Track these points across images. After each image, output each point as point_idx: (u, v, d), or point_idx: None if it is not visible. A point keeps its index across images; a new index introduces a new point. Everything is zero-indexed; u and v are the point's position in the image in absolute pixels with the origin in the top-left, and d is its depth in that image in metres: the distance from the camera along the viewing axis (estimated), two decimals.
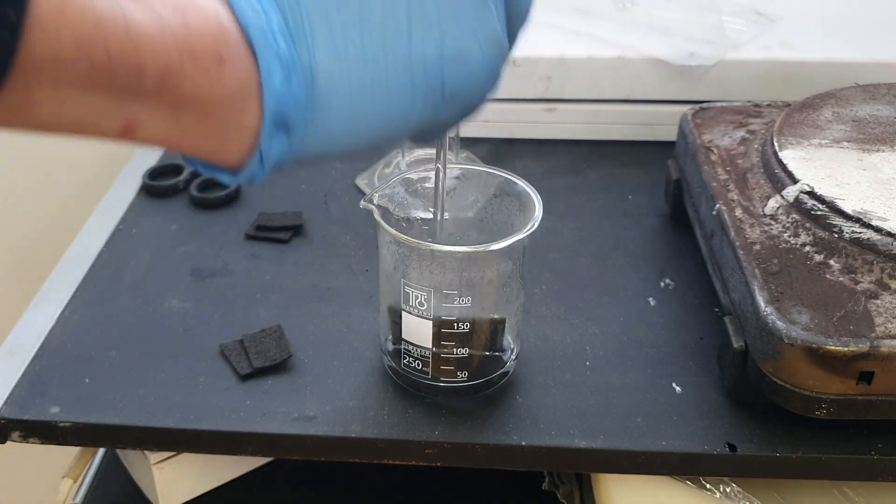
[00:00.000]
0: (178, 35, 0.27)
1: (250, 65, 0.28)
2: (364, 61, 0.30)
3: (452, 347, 0.48)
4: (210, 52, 0.27)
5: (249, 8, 0.28)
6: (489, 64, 0.34)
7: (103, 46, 0.25)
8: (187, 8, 0.27)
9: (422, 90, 0.32)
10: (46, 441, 0.50)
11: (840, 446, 0.47)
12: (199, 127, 0.29)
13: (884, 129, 0.57)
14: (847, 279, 0.48)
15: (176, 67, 0.27)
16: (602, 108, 0.74)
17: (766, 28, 0.75)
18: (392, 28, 0.31)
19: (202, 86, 0.28)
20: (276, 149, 0.30)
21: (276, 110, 0.29)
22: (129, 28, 0.26)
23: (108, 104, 0.27)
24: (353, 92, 0.31)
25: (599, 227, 0.65)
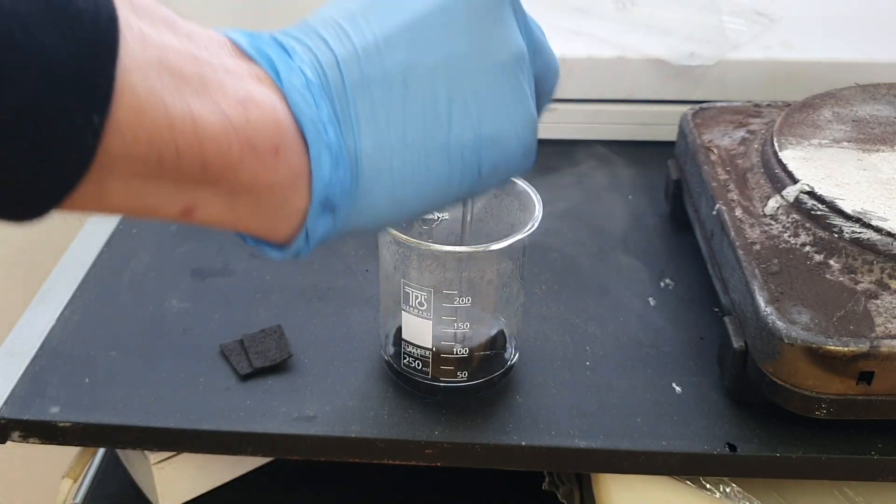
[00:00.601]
0: (240, 130, 0.28)
1: (302, 153, 0.30)
2: (405, 147, 0.32)
3: (452, 347, 0.48)
4: (268, 144, 0.29)
5: (302, 99, 0.30)
6: (524, 143, 0.35)
7: (173, 145, 0.27)
8: (248, 102, 0.29)
9: (459, 171, 0.34)
10: (46, 441, 0.50)
11: (840, 446, 0.47)
12: (252, 210, 0.31)
13: (884, 129, 0.57)
14: (847, 279, 0.48)
15: (236, 160, 0.29)
16: (602, 108, 0.74)
17: (766, 28, 0.76)
18: (432, 115, 0.32)
19: (259, 175, 0.29)
20: (321, 228, 0.32)
21: (323, 195, 0.31)
22: (196, 126, 0.27)
23: (170, 192, 0.28)
24: (394, 175, 0.32)
25: (599, 227, 0.65)
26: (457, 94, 0.33)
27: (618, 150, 0.74)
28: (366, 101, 0.31)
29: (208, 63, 0.28)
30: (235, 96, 0.28)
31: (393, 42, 0.32)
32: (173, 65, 0.27)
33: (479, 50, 0.33)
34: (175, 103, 0.27)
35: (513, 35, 0.35)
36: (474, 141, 0.33)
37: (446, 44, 0.33)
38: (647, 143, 0.74)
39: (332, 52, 0.31)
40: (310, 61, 0.31)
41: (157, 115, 0.26)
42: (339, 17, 0.32)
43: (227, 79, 0.29)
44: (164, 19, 0.28)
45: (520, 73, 0.35)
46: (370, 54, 0.31)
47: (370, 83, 0.31)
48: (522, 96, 0.35)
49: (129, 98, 0.25)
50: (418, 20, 0.32)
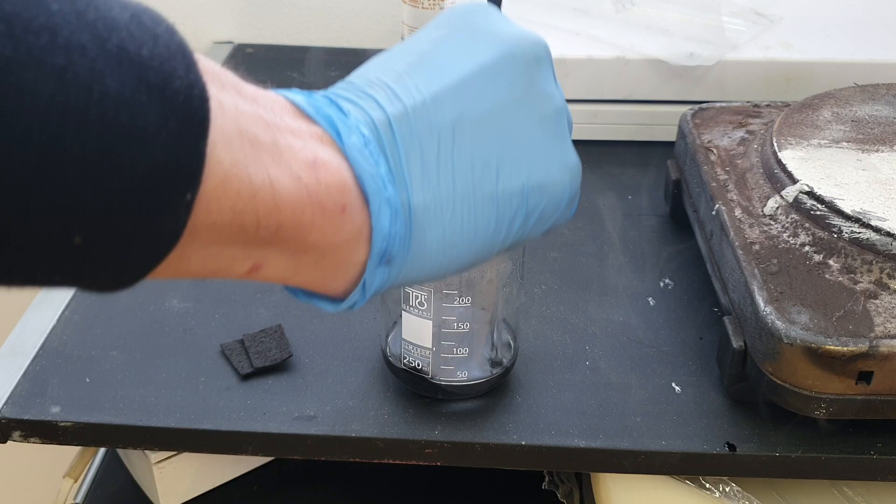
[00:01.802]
0: (313, 193, 0.29)
1: (363, 210, 0.31)
2: (454, 198, 0.33)
3: (452, 347, 0.48)
4: (336, 203, 0.30)
5: (362, 158, 0.31)
6: (570, 190, 0.37)
7: (254, 212, 0.28)
8: (317, 164, 0.30)
9: (507, 220, 0.35)
10: (47, 441, 0.50)
11: (839, 446, 0.47)
12: (315, 266, 0.31)
13: (883, 130, 0.57)
14: (846, 279, 0.48)
15: (308, 221, 0.29)
16: (602, 109, 0.74)
17: (766, 28, 0.76)
18: (481, 166, 0.33)
19: (326, 234, 0.30)
20: (378, 280, 0.33)
21: (382, 248, 0.32)
22: (274, 192, 0.28)
23: (243, 254, 0.29)
24: (445, 225, 0.33)
25: (599, 227, 0.65)
26: (504, 145, 0.34)
27: (618, 150, 0.74)
28: (417, 155, 0.32)
29: (277, 127, 0.29)
30: (305, 159, 0.29)
31: (440, 100, 0.33)
32: (250, 132, 0.28)
33: (523, 103, 0.35)
34: (256, 172, 0.27)
35: (553, 91, 0.36)
36: (522, 189, 0.34)
37: (491, 99, 0.34)
38: (646, 143, 0.74)
39: (383, 110, 0.32)
40: (364, 120, 0.32)
41: (242, 185, 0.27)
42: (387, 79, 0.33)
43: (295, 142, 0.29)
44: (232, 83, 0.29)
45: (562, 125, 0.36)
46: (419, 111, 0.32)
47: (420, 138, 0.32)
48: (566, 146, 0.37)
49: (216, 171, 0.26)
50: (463, 79, 0.34)
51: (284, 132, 0.29)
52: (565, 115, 0.37)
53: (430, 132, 0.33)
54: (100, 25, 0.23)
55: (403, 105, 0.32)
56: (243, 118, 0.28)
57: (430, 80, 0.33)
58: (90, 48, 0.23)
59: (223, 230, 0.27)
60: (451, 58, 0.34)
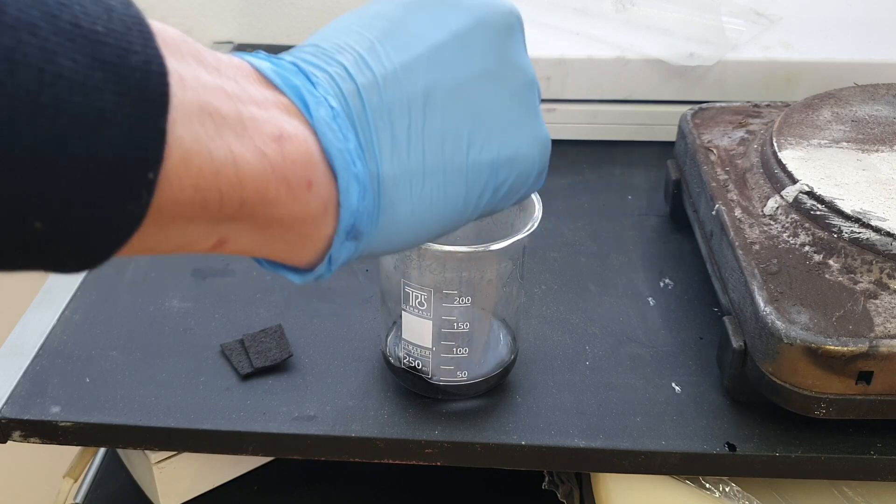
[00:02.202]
0: (277, 167, 0.29)
1: (331, 184, 0.31)
2: (425, 170, 0.33)
3: (452, 347, 0.48)
4: (302, 178, 0.29)
5: (330, 131, 0.30)
6: (539, 163, 0.37)
7: (217, 189, 0.27)
8: (282, 138, 0.29)
9: (477, 192, 0.34)
10: (47, 441, 0.50)
11: (839, 446, 0.47)
12: (281, 239, 0.31)
13: (883, 130, 0.57)
14: (846, 279, 0.48)
15: (272, 196, 0.29)
16: (601, 109, 0.74)
17: (766, 28, 0.76)
18: (451, 138, 0.33)
19: (291, 209, 0.30)
20: (344, 253, 0.33)
21: (349, 223, 0.31)
22: (238, 168, 0.27)
23: (206, 230, 0.29)
24: (415, 198, 0.33)
25: (599, 227, 0.65)
26: (475, 118, 0.34)
27: (618, 150, 0.74)
28: (387, 127, 0.32)
29: (240, 98, 0.28)
30: (270, 133, 0.28)
31: (411, 70, 0.32)
32: (212, 107, 0.27)
33: (495, 75, 0.34)
34: (218, 148, 0.27)
35: (525, 62, 0.36)
36: (492, 162, 0.34)
37: (463, 70, 0.33)
38: (646, 143, 0.74)
39: (353, 80, 0.31)
40: (333, 91, 0.31)
41: (203, 162, 0.26)
42: (357, 46, 0.32)
43: (260, 114, 0.29)
44: (193, 52, 0.28)
45: (533, 97, 0.36)
46: (389, 82, 0.32)
47: (391, 110, 0.32)
48: (537, 119, 0.36)
49: (177, 150, 0.25)
50: (435, 48, 0.33)
51: (248, 104, 0.28)
52: (536, 87, 0.37)
53: (401, 104, 0.32)
54: (51, 1, 0.22)
55: (374, 75, 0.32)
56: (204, 91, 0.27)
57: (401, 49, 0.33)
58: (41, 26, 0.22)
59: (185, 207, 0.27)
60: (423, 25, 0.33)
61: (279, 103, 0.30)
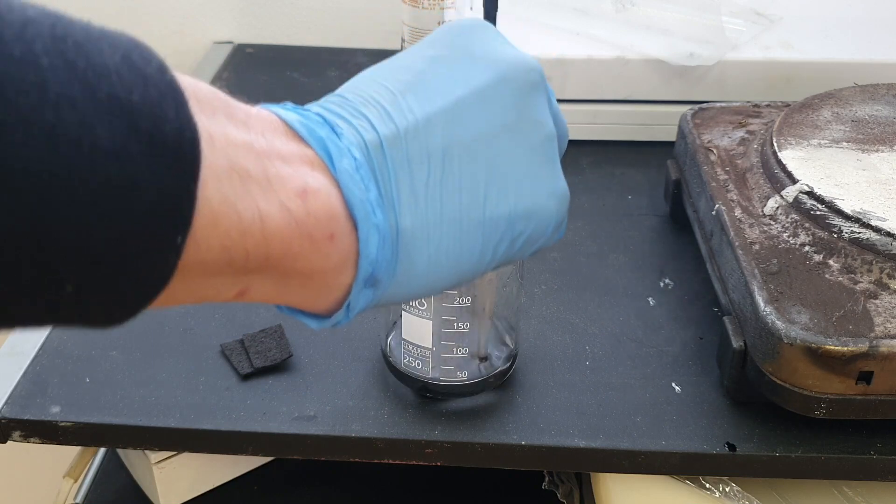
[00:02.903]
0: (301, 222, 0.29)
1: (351, 235, 0.31)
2: (442, 223, 0.33)
3: (452, 347, 0.48)
4: (324, 231, 0.30)
5: (353, 182, 0.30)
6: (557, 217, 0.36)
7: (243, 248, 0.28)
8: (307, 193, 0.29)
9: (493, 245, 0.35)
10: (47, 441, 0.50)
11: (839, 446, 0.47)
12: (301, 288, 0.31)
13: (883, 130, 0.57)
14: (846, 279, 0.48)
15: (296, 250, 0.29)
16: (602, 109, 0.74)
17: (766, 28, 0.76)
18: (469, 192, 0.33)
19: (313, 261, 0.30)
20: (362, 301, 0.33)
21: (368, 272, 0.32)
22: (264, 226, 0.28)
23: (230, 281, 0.29)
24: (431, 249, 0.33)
25: (599, 227, 0.65)
26: (492, 172, 0.34)
27: (618, 151, 0.74)
28: (407, 179, 0.32)
29: (267, 154, 0.29)
30: (295, 188, 0.29)
31: (432, 123, 0.33)
32: (240, 165, 0.27)
33: (514, 130, 0.35)
34: (245, 207, 0.27)
35: (545, 117, 0.36)
36: (509, 215, 0.34)
37: (482, 125, 0.34)
38: (646, 143, 0.74)
39: (376, 132, 0.32)
40: (357, 142, 0.31)
41: (231, 222, 0.27)
42: (380, 98, 0.33)
43: (285, 169, 0.29)
44: (223, 107, 0.28)
45: (552, 151, 0.36)
46: (410, 134, 0.32)
47: (411, 162, 0.32)
48: (555, 172, 0.36)
49: (206, 211, 0.26)
50: (456, 103, 0.33)
51: (274, 159, 0.29)
52: (555, 142, 0.37)
53: (421, 156, 0.32)
54: (90, 74, 0.23)
55: (396, 127, 0.32)
56: (233, 149, 0.27)
57: (424, 102, 0.33)
58: (80, 99, 0.22)
59: (212, 265, 0.27)
60: (446, 79, 0.34)
61: (304, 156, 0.30)
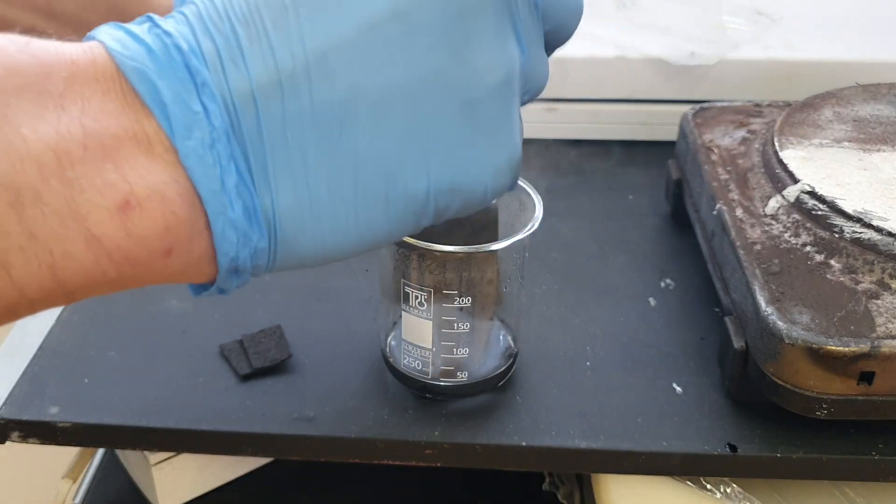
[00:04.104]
0: (115, 252, 0.24)
1: (202, 234, 0.26)
2: (334, 202, 0.26)
3: (452, 348, 0.48)
4: (155, 252, 0.25)
5: (202, 166, 0.24)
6: (494, 189, 0.29)
7: (27, 303, 0.24)
8: (129, 208, 0.23)
9: (408, 222, 0.28)
10: (45, 441, 0.50)
11: (841, 447, 0.47)
12: (148, 282, 0.27)
13: (885, 129, 0.57)
14: (848, 279, 0.47)
15: (112, 278, 0.25)
16: (602, 108, 0.73)
17: (767, 28, 0.75)
18: (375, 162, 0.26)
19: (144, 277, 0.26)
20: (234, 283, 0.28)
21: (231, 266, 0.27)
22: (55, 275, 0.23)
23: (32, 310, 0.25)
24: (323, 231, 0.27)
25: (600, 227, 0.65)
26: (410, 139, 0.26)
27: (618, 150, 0.74)
28: (286, 148, 0.25)
29: (77, 156, 0.23)
30: (112, 204, 0.23)
31: (330, 63, 0.25)
32: (25, 195, 0.22)
33: (444, 78, 0.26)
34: (26, 260, 0.23)
35: (503, 50, 0.27)
36: (426, 193, 0.27)
37: (404, 69, 0.25)
38: (647, 142, 0.74)
39: (248, 76, 0.25)
40: (220, 94, 0.25)
41: (2, 286, 0.23)
42: (266, 12, 0.25)
43: (103, 175, 0.23)
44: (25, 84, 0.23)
45: (504, 100, 0.27)
46: (297, 82, 0.25)
47: (293, 124, 0.25)
48: (503, 131, 0.28)
49: None
50: (367, 30, 0.25)
51: (90, 163, 0.23)
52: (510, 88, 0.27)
53: (310, 114, 0.25)
54: None
55: (276, 69, 0.25)
56: (19, 173, 0.22)
57: (322, 26, 0.25)
58: None
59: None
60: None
61: (139, 135, 0.24)
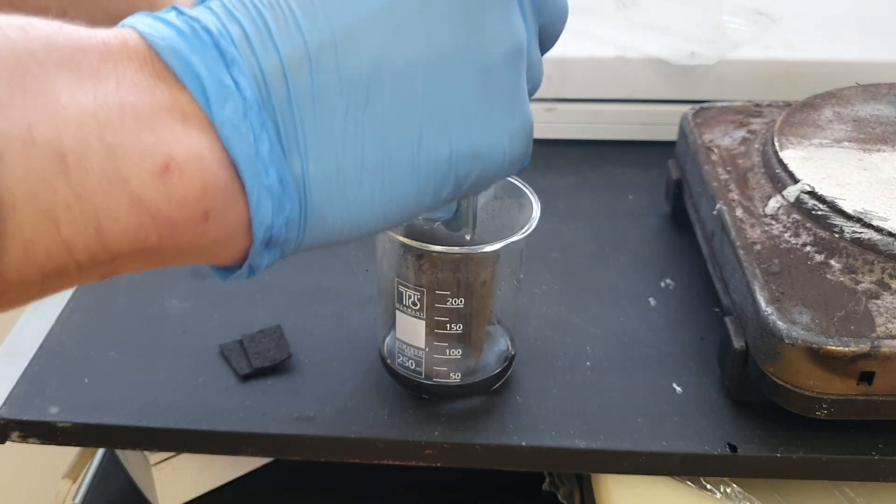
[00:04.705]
0: (157, 214, 0.24)
1: (239, 198, 0.26)
2: (362, 171, 0.28)
3: (445, 348, 0.48)
4: (194, 214, 0.25)
5: (237, 134, 0.25)
6: (514, 155, 0.31)
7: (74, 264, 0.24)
8: (169, 171, 0.24)
9: (430, 190, 0.29)
10: (45, 441, 0.50)
11: (841, 447, 0.47)
12: (182, 259, 0.27)
13: (884, 129, 0.57)
14: (848, 279, 0.47)
15: (154, 244, 0.25)
16: (602, 108, 0.73)
17: (767, 28, 0.75)
18: (399, 133, 0.28)
19: (183, 243, 0.26)
20: (266, 259, 0.29)
21: (265, 236, 0.27)
22: (101, 236, 0.24)
23: (74, 282, 0.25)
24: (350, 200, 0.28)
25: (599, 227, 0.65)
26: (432, 106, 0.28)
27: (618, 150, 0.74)
28: (315, 118, 0.26)
29: (118, 123, 0.24)
30: (152, 167, 0.24)
31: (355, 38, 0.26)
32: (73, 157, 0.23)
33: (462, 50, 0.28)
34: (74, 219, 0.23)
35: (513, 23, 0.29)
36: (448, 158, 0.29)
37: (424, 43, 0.27)
38: (647, 142, 0.74)
39: (277, 53, 0.26)
40: (250, 70, 0.26)
41: (51, 244, 0.23)
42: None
43: (143, 140, 0.24)
44: (62, 60, 0.23)
45: (516, 71, 0.29)
46: (324, 56, 0.26)
47: (323, 95, 0.26)
48: (515, 101, 0.30)
49: (14, 244, 0.22)
50: (389, 7, 0.27)
51: (129, 130, 0.24)
52: (522, 55, 0.29)
53: (337, 86, 0.26)
54: None
55: (305, 45, 0.26)
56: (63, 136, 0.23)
57: (346, 4, 0.26)
58: None
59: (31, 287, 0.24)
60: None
61: (175, 106, 0.25)
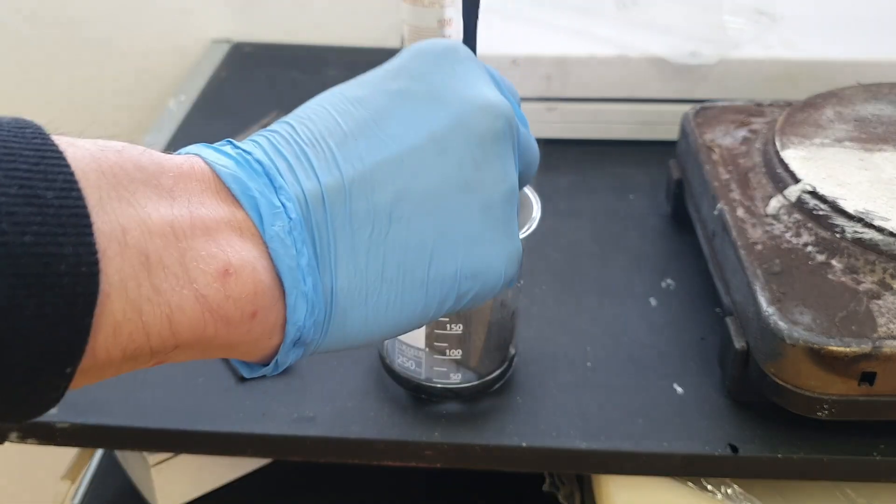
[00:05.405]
0: (217, 309, 0.28)
1: (278, 301, 0.29)
2: (382, 282, 0.32)
3: (445, 349, 0.48)
4: (245, 312, 0.28)
5: (283, 248, 0.29)
6: (506, 276, 0.35)
7: (147, 346, 0.26)
8: (228, 275, 0.28)
9: (436, 302, 0.33)
10: (44, 442, 0.49)
11: (842, 447, 0.47)
12: (223, 353, 0.30)
13: (886, 129, 0.57)
14: (849, 279, 0.47)
15: (210, 335, 0.28)
16: (603, 108, 0.73)
17: (768, 27, 0.75)
18: (415, 252, 0.32)
19: (232, 338, 0.29)
20: (291, 357, 0.32)
21: (296, 336, 0.31)
22: (172, 324, 0.26)
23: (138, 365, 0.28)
24: (368, 308, 0.32)
25: (600, 227, 0.65)
26: (441, 230, 0.32)
27: (619, 150, 0.74)
28: (347, 236, 0.31)
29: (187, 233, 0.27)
30: (215, 271, 0.27)
31: (382, 174, 0.31)
32: (154, 258, 0.26)
33: (469, 186, 0.33)
34: (152, 309, 0.26)
35: (507, 172, 0.34)
36: (455, 276, 0.33)
37: (436, 178, 0.32)
38: (648, 142, 0.74)
39: (318, 181, 0.30)
40: (295, 195, 0.30)
41: (134, 329, 0.26)
42: (330, 137, 0.32)
43: (207, 249, 0.27)
44: (144, 178, 0.27)
45: (508, 209, 0.34)
46: (357, 188, 0.31)
47: (354, 218, 0.31)
48: (509, 232, 0.35)
49: (107, 324, 0.25)
50: (411, 152, 0.32)
51: (197, 237, 0.27)
52: (513, 199, 0.35)
53: (366, 211, 0.31)
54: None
55: (341, 176, 0.31)
56: (148, 240, 0.26)
57: (375, 148, 0.32)
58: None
59: (110, 366, 0.26)
60: (403, 122, 0.32)
61: (233, 222, 0.29)
